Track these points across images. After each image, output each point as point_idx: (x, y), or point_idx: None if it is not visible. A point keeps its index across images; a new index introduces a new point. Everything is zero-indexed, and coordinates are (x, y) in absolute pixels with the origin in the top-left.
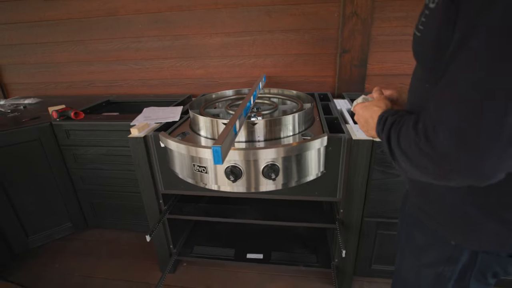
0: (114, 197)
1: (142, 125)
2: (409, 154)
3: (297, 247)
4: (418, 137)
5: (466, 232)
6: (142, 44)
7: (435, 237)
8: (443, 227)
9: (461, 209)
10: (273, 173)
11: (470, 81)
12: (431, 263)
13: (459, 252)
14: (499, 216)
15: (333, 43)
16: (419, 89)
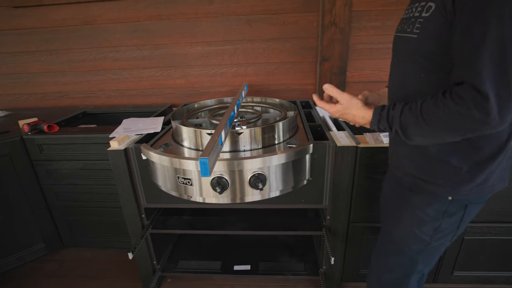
0: (92, 213)
1: (122, 137)
2: (440, 124)
3: (284, 256)
4: (454, 104)
5: (458, 188)
6: (121, 54)
7: (432, 196)
8: (440, 187)
9: (454, 171)
10: (260, 182)
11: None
12: (430, 219)
13: (454, 205)
14: (483, 166)
15: (313, 51)
16: (410, 81)
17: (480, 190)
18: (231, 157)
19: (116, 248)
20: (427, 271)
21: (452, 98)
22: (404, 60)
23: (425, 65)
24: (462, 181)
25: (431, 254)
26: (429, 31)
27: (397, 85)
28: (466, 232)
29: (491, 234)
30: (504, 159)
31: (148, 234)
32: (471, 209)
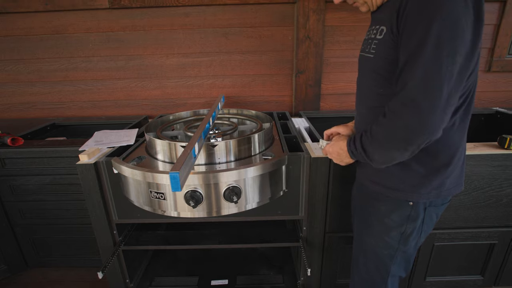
0: (60, 230)
1: (92, 150)
2: (383, 138)
3: (262, 269)
4: (388, 119)
5: (418, 191)
6: (93, 64)
7: (396, 203)
8: (401, 193)
9: (413, 174)
10: (234, 195)
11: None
12: (396, 225)
13: (415, 209)
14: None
15: (289, 64)
16: (372, 96)
17: (438, 194)
18: (206, 170)
19: (88, 267)
20: (404, 274)
21: (385, 114)
22: (366, 76)
23: (382, 81)
24: (420, 184)
25: (402, 258)
26: (381, 51)
27: (361, 99)
28: (436, 238)
29: (459, 239)
30: (458, 165)
31: (120, 251)
32: (431, 212)
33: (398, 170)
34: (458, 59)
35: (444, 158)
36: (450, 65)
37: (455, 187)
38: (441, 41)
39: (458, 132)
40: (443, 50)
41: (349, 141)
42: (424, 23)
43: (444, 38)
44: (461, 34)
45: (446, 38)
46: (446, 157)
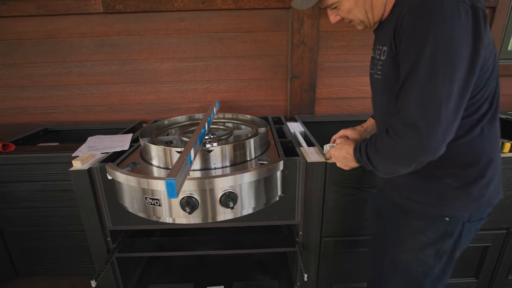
0: (51, 238)
1: (86, 156)
2: (386, 153)
3: (258, 274)
4: (390, 137)
5: (454, 204)
6: (87, 69)
7: (430, 219)
8: (435, 208)
9: (446, 188)
10: (231, 201)
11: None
12: (431, 242)
13: (451, 225)
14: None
15: (284, 69)
16: (390, 112)
17: (477, 206)
18: (201, 176)
19: (81, 275)
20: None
21: (387, 130)
22: (378, 96)
23: (394, 101)
24: (455, 197)
25: (438, 276)
26: (387, 73)
27: (378, 117)
28: None
29: None
30: (494, 174)
31: (114, 259)
32: (470, 226)
33: (431, 184)
34: (456, 76)
35: (478, 169)
36: (447, 84)
37: (495, 196)
38: (435, 61)
39: (488, 140)
40: (438, 70)
41: (356, 147)
42: (418, 43)
43: (439, 57)
44: (457, 50)
45: (441, 57)
46: (480, 167)
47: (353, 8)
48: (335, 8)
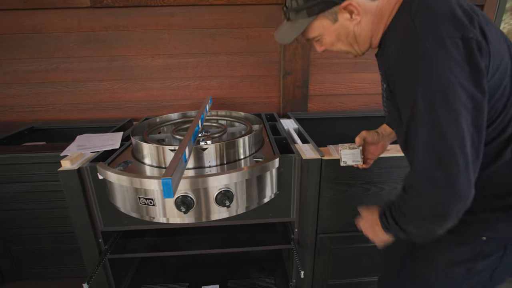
0: (40, 240)
1: (75, 155)
2: (413, 215)
3: (254, 272)
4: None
5: (493, 225)
6: (74, 65)
7: (464, 236)
8: (472, 226)
9: (485, 204)
10: (227, 200)
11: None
12: (463, 260)
13: (490, 246)
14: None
15: (276, 65)
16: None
17: None
18: (196, 174)
19: (72, 278)
20: None
21: (405, 188)
22: (395, 127)
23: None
24: (495, 219)
25: None
26: (392, 110)
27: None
28: None
29: None
30: None
31: (106, 260)
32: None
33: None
34: (461, 118)
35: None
36: (453, 126)
37: None
38: (433, 110)
39: None
40: (439, 118)
41: (381, 215)
42: (409, 94)
43: (435, 106)
44: (453, 93)
45: (437, 105)
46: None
47: (335, 42)
48: (318, 40)
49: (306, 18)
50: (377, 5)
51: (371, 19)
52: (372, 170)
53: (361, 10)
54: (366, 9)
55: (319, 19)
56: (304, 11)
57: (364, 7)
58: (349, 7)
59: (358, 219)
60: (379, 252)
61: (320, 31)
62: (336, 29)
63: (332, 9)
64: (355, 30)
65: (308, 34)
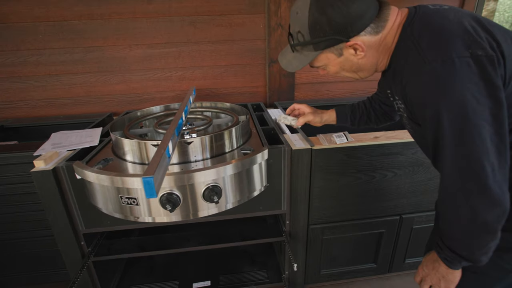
0: (17, 246)
1: (49, 154)
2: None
3: (245, 266)
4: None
5: None
6: (45, 58)
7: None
8: None
9: None
10: (215, 195)
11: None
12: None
13: None
14: None
15: (262, 53)
16: None
17: None
18: (181, 170)
19: (55, 283)
20: None
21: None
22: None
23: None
24: None
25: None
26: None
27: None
28: (415, 222)
29: None
30: None
31: (90, 263)
32: None
33: None
34: (484, 133)
35: None
36: (478, 142)
37: None
38: (456, 129)
39: None
40: (463, 136)
41: (437, 249)
42: (431, 118)
43: (458, 125)
44: (474, 111)
45: (460, 124)
46: None
47: (340, 71)
48: (322, 68)
49: (312, 51)
50: (381, 37)
51: (376, 49)
52: (362, 158)
53: (365, 48)
54: (371, 44)
55: (324, 53)
56: (310, 46)
57: (369, 43)
58: (355, 45)
59: (421, 277)
60: (370, 239)
61: (325, 62)
62: (341, 61)
63: (338, 46)
64: (360, 62)
65: (313, 64)
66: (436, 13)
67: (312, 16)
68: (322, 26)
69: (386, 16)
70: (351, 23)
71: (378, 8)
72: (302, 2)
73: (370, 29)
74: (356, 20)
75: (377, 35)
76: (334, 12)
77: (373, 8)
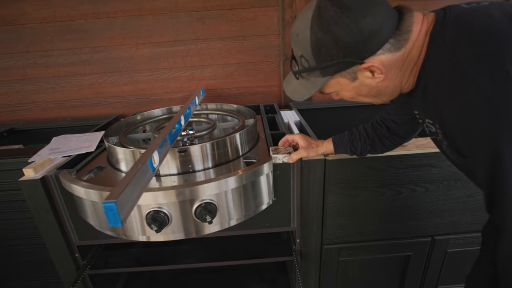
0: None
1: (41, 162)
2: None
3: (253, 283)
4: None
5: None
6: (54, 59)
7: None
8: None
9: None
10: (208, 214)
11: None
12: None
13: None
14: None
15: (275, 50)
16: None
17: None
18: (174, 183)
19: None
20: None
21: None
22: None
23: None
24: None
25: None
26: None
27: None
28: (450, 244)
29: (474, 244)
30: None
31: (86, 275)
32: None
33: None
34: None
35: None
36: None
37: None
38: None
39: None
40: None
41: None
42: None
43: None
44: None
45: None
46: None
47: (356, 96)
48: (335, 94)
49: (320, 77)
50: (404, 52)
51: (399, 68)
52: (386, 170)
53: (384, 69)
54: (392, 63)
55: (335, 78)
56: (317, 72)
57: (389, 62)
58: (371, 68)
59: None
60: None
61: (336, 89)
62: (356, 86)
63: (351, 69)
64: (379, 85)
65: (324, 90)
66: (474, 13)
67: (315, 36)
68: (328, 48)
69: (409, 26)
70: (364, 41)
71: (398, 18)
72: (302, 21)
73: (390, 46)
74: (370, 37)
75: (399, 51)
76: (341, 30)
77: (392, 19)
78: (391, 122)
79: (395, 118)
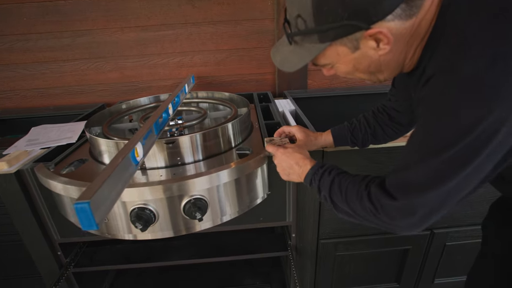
0: None
1: (16, 154)
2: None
3: (247, 278)
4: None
5: None
6: (32, 43)
7: None
8: None
9: None
10: (197, 211)
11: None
12: None
13: None
14: None
15: (270, 35)
16: None
17: None
18: (160, 178)
19: None
20: None
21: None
22: None
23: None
24: None
25: None
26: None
27: None
28: (448, 237)
29: (473, 237)
30: None
31: (70, 274)
32: None
33: None
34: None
35: None
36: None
37: None
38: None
39: None
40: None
41: (316, 174)
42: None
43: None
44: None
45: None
46: None
47: (352, 71)
48: (329, 67)
49: (317, 43)
50: (414, 22)
51: (406, 41)
52: (383, 162)
53: (393, 38)
54: (400, 33)
55: (334, 45)
56: (315, 36)
57: (397, 31)
58: (378, 35)
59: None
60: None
61: (332, 59)
62: (355, 58)
63: (354, 35)
64: (381, 60)
65: (318, 61)
66: None
67: None
68: (332, 7)
69: None
70: (375, 1)
71: None
72: None
73: (401, 11)
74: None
75: (409, 19)
76: None
77: None
78: (393, 110)
79: (396, 105)
